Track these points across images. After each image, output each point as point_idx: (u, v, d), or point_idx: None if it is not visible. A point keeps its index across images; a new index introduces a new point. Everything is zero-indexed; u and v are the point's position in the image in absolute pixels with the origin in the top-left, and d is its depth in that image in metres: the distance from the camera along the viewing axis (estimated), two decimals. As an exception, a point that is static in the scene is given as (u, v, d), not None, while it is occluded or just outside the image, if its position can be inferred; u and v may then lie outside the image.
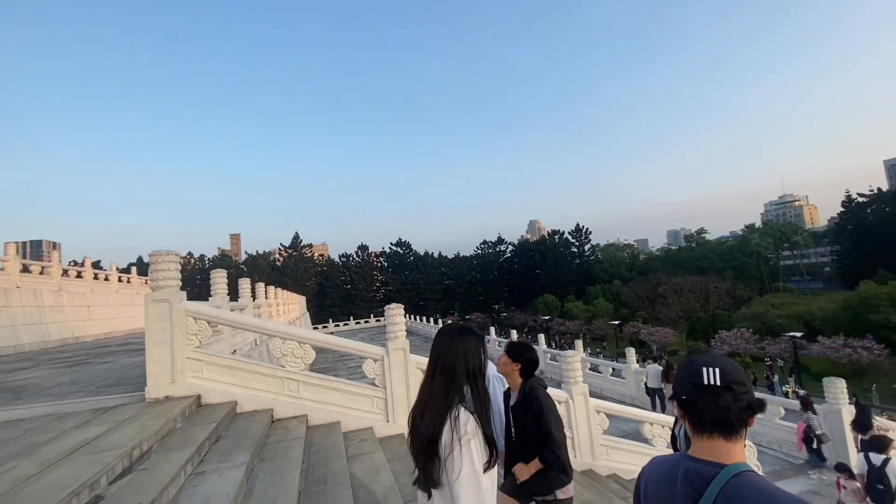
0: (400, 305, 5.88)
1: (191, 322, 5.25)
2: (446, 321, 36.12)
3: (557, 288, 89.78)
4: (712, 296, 58.47)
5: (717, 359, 1.30)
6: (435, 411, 1.64)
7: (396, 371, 5.55)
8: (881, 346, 30.17)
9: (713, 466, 1.21)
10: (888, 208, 63.89)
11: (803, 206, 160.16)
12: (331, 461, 4.08)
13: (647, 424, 6.52)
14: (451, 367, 1.70)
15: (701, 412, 1.25)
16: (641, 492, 1.44)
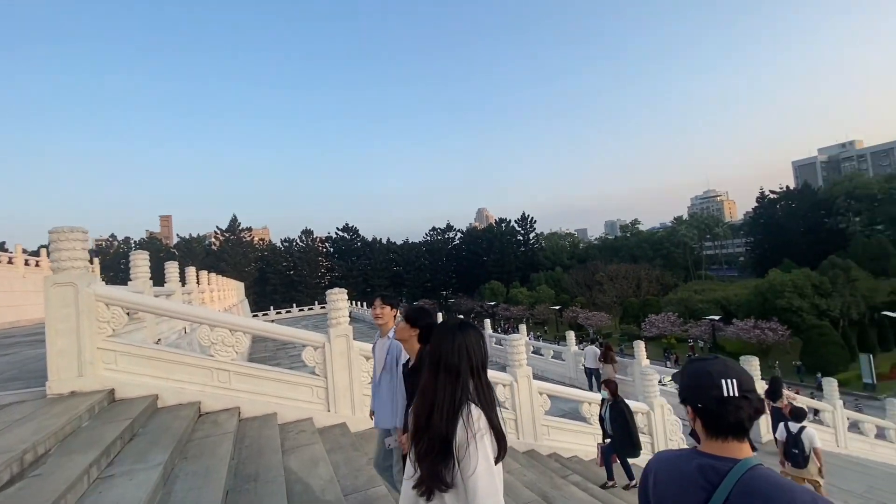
0: (343, 290, 5.60)
1: (102, 308, 4.67)
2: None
3: (503, 274, 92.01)
4: (644, 282, 62.65)
5: (729, 367, 1.36)
6: (444, 411, 1.60)
7: (339, 359, 5.31)
8: (784, 328, 33.93)
9: (727, 462, 1.30)
10: (794, 204, 71.38)
11: (724, 200, 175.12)
12: (264, 455, 3.81)
13: (585, 404, 6.81)
14: (455, 365, 1.66)
15: (718, 420, 1.33)
16: (650, 485, 1.47)
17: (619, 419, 5.86)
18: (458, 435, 1.55)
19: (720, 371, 1.34)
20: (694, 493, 1.31)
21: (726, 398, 1.30)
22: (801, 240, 65.40)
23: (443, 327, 1.79)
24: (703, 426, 1.36)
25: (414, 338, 2.73)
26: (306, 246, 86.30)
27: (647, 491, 1.49)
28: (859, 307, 36.71)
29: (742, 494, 1.22)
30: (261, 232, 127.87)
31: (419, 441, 1.64)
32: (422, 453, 1.61)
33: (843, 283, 37.98)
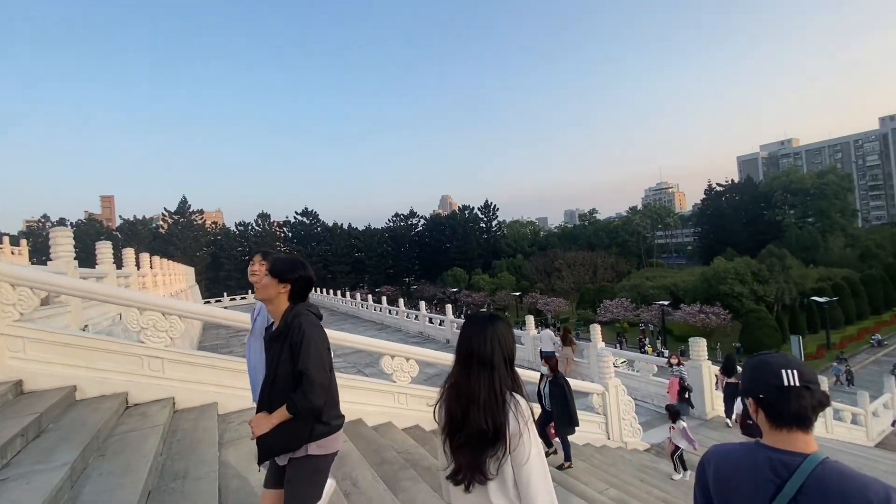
0: None
1: (6, 289, 4.08)
2: (355, 294, 35.15)
3: (466, 261, 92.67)
4: (600, 269, 64.94)
5: (790, 360, 1.39)
6: (484, 404, 1.59)
7: None
8: (726, 312, 36.21)
9: (796, 456, 1.31)
10: (738, 197, 75.95)
11: (675, 192, 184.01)
12: (198, 450, 3.46)
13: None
14: (489, 358, 1.65)
15: (781, 410, 1.34)
16: (709, 478, 1.48)
17: (558, 395, 5.92)
18: (510, 425, 1.56)
19: (781, 362, 1.38)
20: (762, 487, 1.32)
21: (787, 387, 1.32)
22: (742, 230, 69.75)
23: (473, 320, 1.77)
24: (766, 417, 1.38)
25: (283, 296, 2.31)
26: (263, 230, 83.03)
27: (706, 483, 1.50)
28: (792, 293, 39.75)
29: (814, 489, 1.24)
30: (214, 215, 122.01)
31: (455, 434, 1.64)
32: (460, 445, 1.61)
33: (778, 271, 40.91)
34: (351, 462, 3.78)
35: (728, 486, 1.42)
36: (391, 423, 5.26)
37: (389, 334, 21.80)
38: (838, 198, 70.06)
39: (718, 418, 8.92)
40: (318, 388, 2.12)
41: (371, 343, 5.56)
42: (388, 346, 5.65)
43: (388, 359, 5.57)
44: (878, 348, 34.20)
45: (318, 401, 2.12)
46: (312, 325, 2.25)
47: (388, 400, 5.49)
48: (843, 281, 41.30)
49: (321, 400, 2.14)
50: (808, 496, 1.24)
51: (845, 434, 11.40)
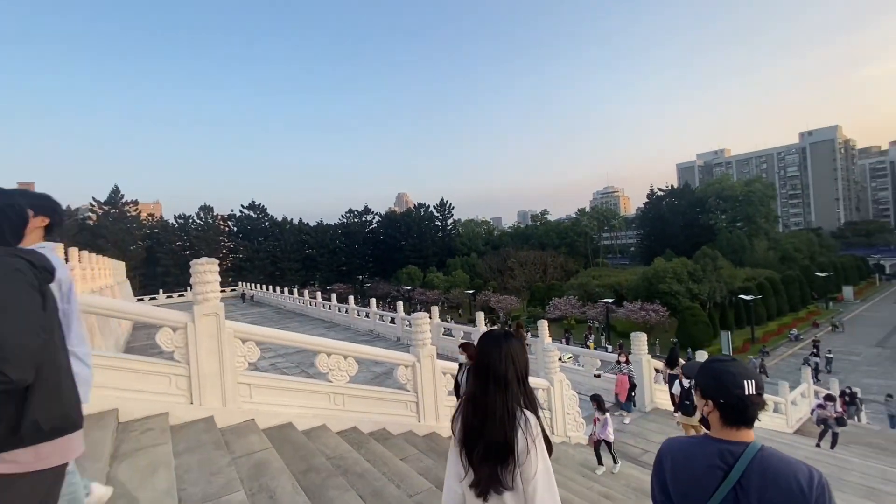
0: (212, 261, 4.71)
1: None
2: (303, 292, 33.80)
3: (421, 259, 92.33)
4: (550, 268, 66.90)
5: (748, 370, 1.60)
6: (499, 419, 1.68)
7: (206, 341, 4.44)
8: (665, 309, 38.34)
9: (739, 446, 1.54)
10: (676, 202, 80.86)
11: (620, 196, 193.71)
12: (82, 465, 2.93)
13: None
14: (504, 375, 1.74)
15: (737, 414, 1.56)
16: (666, 468, 1.66)
17: None
18: (518, 441, 1.64)
19: (742, 373, 1.57)
20: (712, 473, 1.53)
21: (747, 396, 1.54)
22: (680, 233, 74.35)
23: (489, 337, 1.84)
24: (721, 417, 1.58)
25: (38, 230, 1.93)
26: (205, 224, 78.16)
27: (662, 473, 1.67)
28: (722, 291, 42.78)
29: (755, 473, 1.48)
30: (151, 207, 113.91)
31: (473, 446, 1.72)
32: (479, 458, 1.69)
33: (711, 271, 43.90)
34: (270, 471, 3.39)
35: (683, 474, 1.61)
36: (325, 427, 4.88)
37: (338, 333, 21.09)
38: (763, 204, 76.46)
39: (657, 409, 9.25)
40: (12, 349, 1.43)
41: (302, 340, 5.15)
42: (323, 342, 5.25)
43: (323, 357, 5.17)
44: (795, 342, 37.54)
45: (14, 370, 1.41)
46: None
47: (323, 401, 5.09)
48: (766, 281, 44.99)
49: (23, 370, 1.44)
50: (750, 479, 1.47)
51: (768, 422, 12.25)
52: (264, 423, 4.55)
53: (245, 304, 39.45)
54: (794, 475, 1.43)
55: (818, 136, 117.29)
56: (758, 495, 1.45)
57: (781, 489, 1.43)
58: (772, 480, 1.45)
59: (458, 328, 15.49)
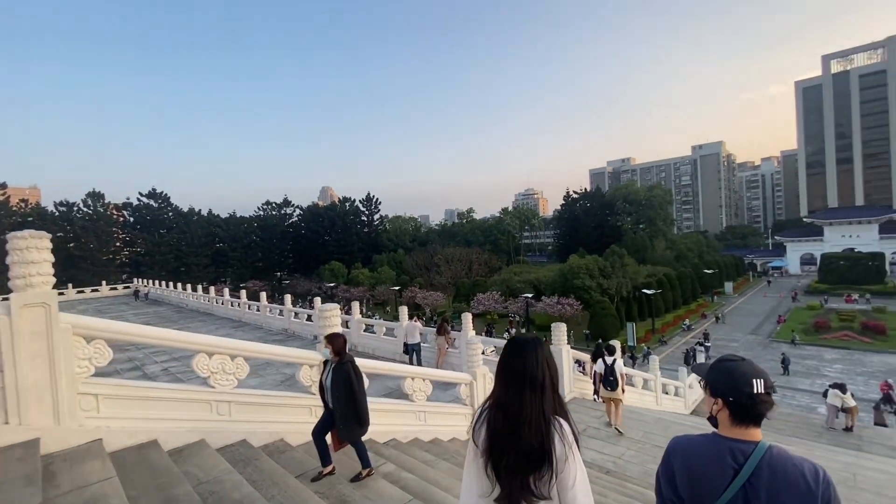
0: (39, 233, 3.59)
1: None
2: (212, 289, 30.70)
3: (345, 255, 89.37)
4: (475, 265, 68.24)
5: (758, 370, 1.65)
6: (535, 426, 1.64)
7: (30, 342, 3.36)
8: (578, 303, 40.75)
9: (748, 444, 1.59)
10: (588, 204, 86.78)
11: (539, 198, 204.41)
12: None
13: (408, 380, 6.10)
14: (541, 381, 1.70)
15: (746, 412, 1.61)
16: (677, 467, 1.67)
17: (342, 385, 4.11)
18: (556, 448, 1.61)
19: (751, 372, 1.63)
20: (723, 471, 1.56)
21: (756, 394, 1.59)
22: (592, 232, 79.91)
23: (522, 342, 1.79)
24: (731, 416, 1.63)
25: None
26: (94, 212, 68.32)
27: (671, 469, 1.69)
28: (627, 286, 46.53)
29: (764, 470, 1.52)
30: (26, 192, 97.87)
31: (502, 457, 1.63)
32: (510, 467, 1.61)
33: (618, 268, 47.56)
34: (104, 511, 2.54)
35: (694, 472, 1.62)
36: (203, 443, 4.00)
37: (247, 332, 19.27)
38: (662, 209, 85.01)
39: (577, 399, 9.39)
40: None
41: (173, 337, 4.17)
42: (201, 340, 4.34)
43: (202, 358, 4.25)
44: (688, 332, 42.03)
45: None
46: None
47: (202, 411, 4.19)
48: (664, 277, 49.83)
49: None
50: (760, 476, 1.52)
51: (670, 405, 13.23)
52: (116, 444, 3.57)
53: (138, 303, 34.94)
54: (801, 473, 1.50)
55: (707, 149, 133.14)
56: (767, 492, 1.50)
57: (790, 486, 1.49)
58: (780, 478, 1.51)
59: (380, 324, 14.78)
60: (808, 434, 13.09)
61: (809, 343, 35.07)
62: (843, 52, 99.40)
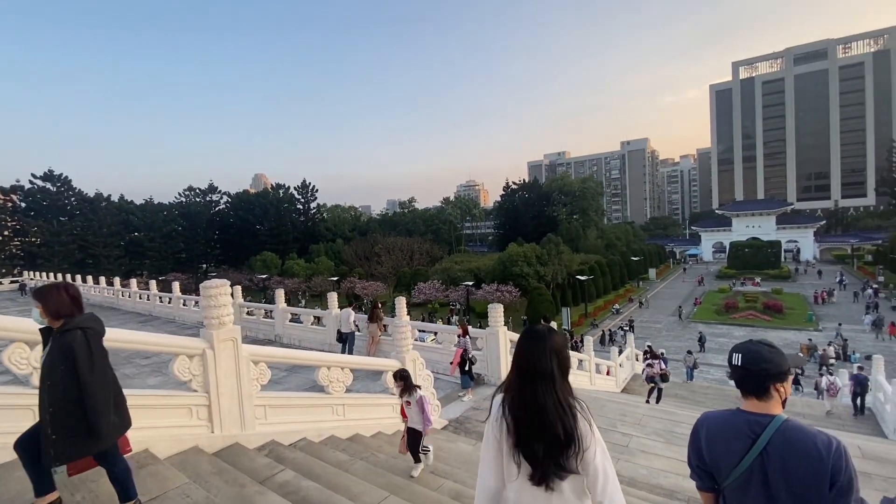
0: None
1: None
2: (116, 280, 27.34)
3: (279, 245, 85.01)
4: (416, 254, 67.57)
5: (747, 347, 1.84)
6: (561, 408, 1.76)
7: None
8: (517, 290, 41.55)
9: (765, 417, 1.74)
10: (527, 195, 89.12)
11: (481, 189, 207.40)
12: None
13: (323, 369, 5.25)
14: (550, 371, 1.80)
15: (738, 383, 1.83)
16: (703, 438, 1.86)
17: (59, 366, 2.55)
18: (581, 427, 1.75)
19: (736, 348, 1.85)
20: (741, 441, 1.74)
21: (734, 366, 1.82)
22: (530, 223, 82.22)
23: (532, 334, 1.89)
24: (739, 389, 1.84)
25: None
26: (-31, 196, 58.72)
27: (698, 441, 1.88)
28: (563, 273, 48.28)
29: (779, 441, 1.67)
30: None
31: (531, 443, 1.76)
32: (544, 453, 1.74)
33: (554, 255, 49.16)
34: None
35: (716, 442, 1.81)
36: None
37: (157, 327, 17.22)
38: (594, 200, 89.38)
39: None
40: None
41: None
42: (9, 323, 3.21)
43: (15, 349, 3.14)
44: (617, 315, 44.43)
45: None
46: None
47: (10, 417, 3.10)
48: (596, 264, 52.29)
49: None
50: (775, 446, 1.67)
51: (603, 384, 13.47)
52: None
53: (25, 298, 30.37)
54: (813, 443, 1.63)
55: (634, 146, 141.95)
56: (780, 460, 1.66)
57: (800, 454, 1.62)
58: (793, 447, 1.65)
59: (307, 313, 13.59)
60: (724, 405, 13.97)
61: (721, 322, 38.43)
62: (750, 60, 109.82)
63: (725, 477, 1.77)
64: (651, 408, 8.15)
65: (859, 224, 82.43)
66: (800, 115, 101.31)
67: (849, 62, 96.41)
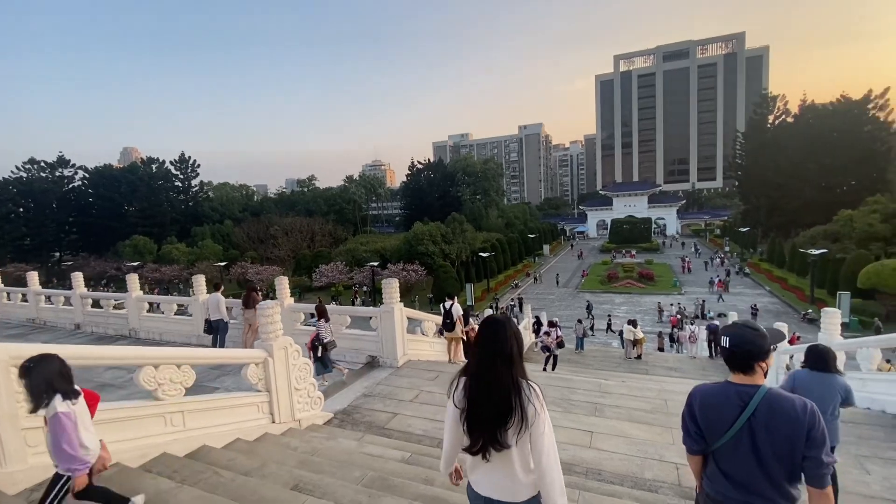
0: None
1: None
2: None
3: (154, 228, 74.75)
4: (318, 235, 63.96)
5: (730, 328, 2.12)
6: (504, 389, 1.94)
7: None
8: (423, 269, 41.35)
9: (751, 388, 2.03)
10: (432, 175, 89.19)
11: (387, 169, 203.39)
12: None
13: (147, 369, 3.89)
14: (510, 354, 1.99)
15: (727, 359, 2.11)
16: (696, 407, 2.16)
17: None
18: (531, 406, 1.95)
19: (725, 331, 2.13)
20: (731, 409, 2.02)
21: (722, 348, 2.12)
22: (436, 202, 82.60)
23: (494, 322, 2.08)
24: (726, 363, 2.13)
25: None
26: None
27: (693, 409, 2.17)
28: (467, 251, 49.29)
29: (764, 408, 1.96)
30: None
31: (476, 416, 1.98)
32: (482, 424, 1.97)
33: (458, 234, 49.91)
34: None
35: (709, 410, 2.10)
36: None
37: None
38: (495, 181, 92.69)
39: (412, 362, 8.36)
40: None
41: None
42: None
43: None
44: (515, 290, 46.74)
45: None
46: None
47: None
48: (497, 242, 54.26)
49: None
50: (761, 411, 1.96)
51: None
52: None
53: None
54: (792, 406, 1.94)
55: (530, 130, 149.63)
56: (766, 422, 1.95)
57: (782, 417, 1.93)
58: (776, 411, 1.95)
59: (170, 301, 11.46)
60: (610, 365, 15.09)
61: (604, 291, 42.48)
62: (628, 55, 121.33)
63: (717, 439, 2.07)
64: (548, 376, 8.19)
65: (711, 203, 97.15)
66: (667, 106, 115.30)
67: (706, 62, 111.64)
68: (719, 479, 2.07)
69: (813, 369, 4.01)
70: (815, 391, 3.79)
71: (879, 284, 24.55)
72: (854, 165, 49.71)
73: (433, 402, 6.35)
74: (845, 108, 51.35)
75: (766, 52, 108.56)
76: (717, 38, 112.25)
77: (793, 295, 35.03)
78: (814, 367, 4.01)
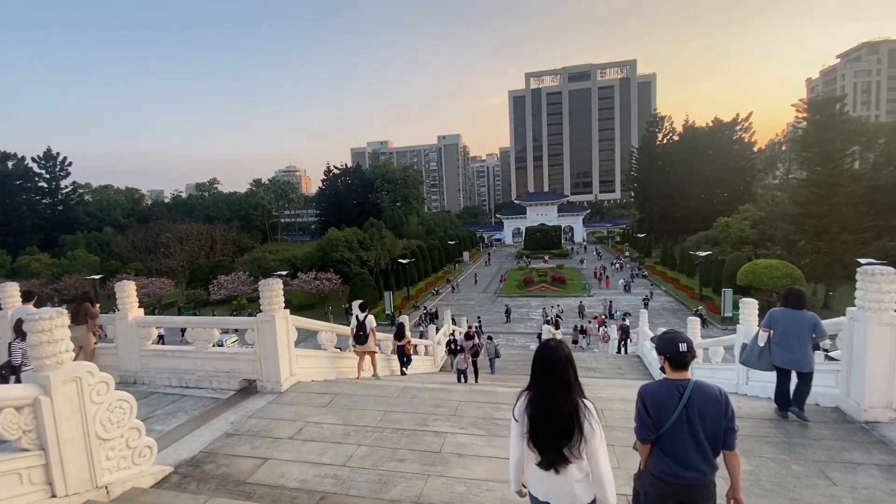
0: None
1: None
2: None
3: (8, 236, 62.60)
4: (218, 243, 57.84)
5: (682, 336, 2.60)
6: (567, 414, 2.23)
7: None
8: (338, 277, 38.81)
9: (685, 381, 2.53)
10: (350, 181, 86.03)
11: (302, 175, 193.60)
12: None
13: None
14: (568, 379, 2.30)
15: (679, 362, 2.55)
16: (646, 401, 2.56)
17: None
18: (587, 423, 2.24)
19: (680, 338, 2.57)
20: (671, 399, 2.49)
21: (682, 352, 2.53)
22: (354, 209, 79.56)
23: (549, 348, 2.38)
24: (670, 365, 2.58)
25: None
26: None
27: (646, 406, 2.55)
28: (386, 258, 47.53)
29: (696, 395, 2.46)
30: None
31: (541, 435, 2.28)
32: (550, 442, 2.25)
33: (377, 240, 48.00)
34: None
35: (655, 402, 2.52)
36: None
37: None
38: (415, 188, 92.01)
39: (301, 384, 6.68)
40: None
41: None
42: None
43: None
44: (437, 296, 45.98)
45: None
46: None
47: None
48: (417, 249, 53.28)
49: None
50: (694, 398, 2.45)
51: (420, 366, 12.43)
52: None
53: None
54: (714, 392, 2.50)
55: (448, 140, 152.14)
56: (698, 407, 2.44)
57: (709, 401, 2.46)
58: (704, 397, 2.47)
59: None
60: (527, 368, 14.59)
61: (521, 295, 43.39)
62: (538, 73, 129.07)
63: (663, 425, 2.48)
64: (469, 390, 7.09)
65: (611, 213, 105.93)
66: (573, 123, 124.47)
67: (605, 84, 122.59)
68: (662, 459, 2.52)
69: (788, 307, 4.94)
70: (790, 324, 4.85)
71: (755, 281, 27.68)
72: (728, 178, 57.10)
73: (321, 438, 4.86)
74: (718, 129, 58.98)
75: (654, 79, 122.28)
76: (613, 63, 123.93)
77: (685, 294, 38.59)
78: (789, 305, 4.94)
